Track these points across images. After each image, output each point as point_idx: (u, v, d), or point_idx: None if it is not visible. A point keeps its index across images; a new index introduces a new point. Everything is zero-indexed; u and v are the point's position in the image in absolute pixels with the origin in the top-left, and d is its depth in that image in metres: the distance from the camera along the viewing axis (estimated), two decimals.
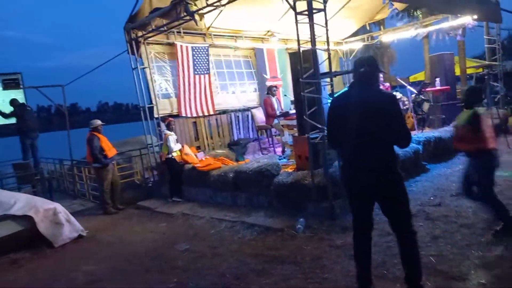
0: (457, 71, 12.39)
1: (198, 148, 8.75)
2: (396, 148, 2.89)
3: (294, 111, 7.69)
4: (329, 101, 5.86)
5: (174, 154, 7.17)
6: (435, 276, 3.18)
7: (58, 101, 10.16)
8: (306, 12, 4.90)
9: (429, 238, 3.95)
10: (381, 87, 7.85)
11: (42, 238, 5.37)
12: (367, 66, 2.89)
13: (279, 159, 7.92)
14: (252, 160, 8.22)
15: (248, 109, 10.04)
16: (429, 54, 12.38)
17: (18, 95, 9.29)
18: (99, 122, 7.23)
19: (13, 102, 9.03)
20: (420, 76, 16.83)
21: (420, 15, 13.71)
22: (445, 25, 9.99)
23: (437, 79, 9.37)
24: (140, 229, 5.95)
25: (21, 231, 5.24)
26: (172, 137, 7.18)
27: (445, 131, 7.54)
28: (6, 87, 9.07)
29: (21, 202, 5.43)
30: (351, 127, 2.80)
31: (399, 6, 9.03)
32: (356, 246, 3.01)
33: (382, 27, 13.58)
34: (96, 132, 7.07)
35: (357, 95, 2.86)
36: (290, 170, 6.21)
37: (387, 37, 11.66)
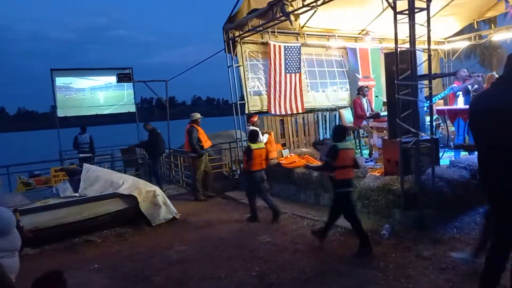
0: None
1: (284, 145, 8.92)
2: None
3: (385, 113, 7.41)
4: (426, 105, 5.57)
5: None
6: None
7: (160, 94, 11.21)
8: (407, 12, 4.70)
9: None
10: (480, 88, 7.22)
11: (142, 217, 6.03)
12: None
13: (366, 162, 7.72)
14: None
15: (337, 108, 9.91)
16: None
17: (129, 88, 10.45)
18: (199, 115, 7.87)
19: (146, 126, 9.15)
20: None
21: None
22: None
23: None
24: (226, 217, 6.31)
25: (127, 208, 5.95)
26: (262, 134, 7.44)
27: None
28: (120, 80, 10.27)
29: (127, 183, 6.16)
30: (497, 129, 2.47)
31: None
32: (489, 262, 2.65)
33: (493, 25, 12.24)
34: (195, 124, 7.69)
35: (505, 94, 2.49)
36: (377, 174, 6.03)
37: (498, 36, 10.51)
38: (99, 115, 12.67)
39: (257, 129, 7.05)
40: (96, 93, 12.31)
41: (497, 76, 7.43)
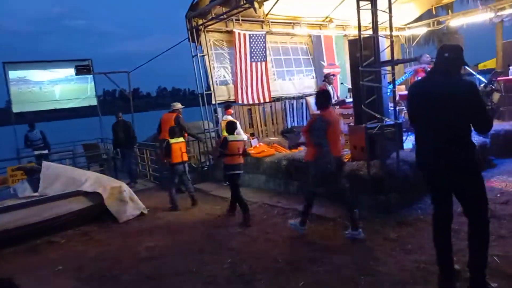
0: None
1: (252, 135, 8.89)
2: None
3: (350, 99, 7.52)
4: (390, 88, 5.68)
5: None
6: (499, 278, 3.01)
7: (122, 86, 10.82)
8: None
9: (494, 237, 3.71)
10: None
11: (108, 214, 5.83)
12: (452, 54, 2.87)
13: None
14: (305, 148, 8.23)
15: (303, 96, 9.97)
16: (503, 40, 11.36)
17: (90, 81, 10.00)
18: (180, 105, 7.76)
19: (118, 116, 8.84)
20: (490, 64, 15.49)
21: None
22: None
23: (511, 67, 8.62)
24: (196, 210, 6.23)
25: (91, 206, 5.73)
26: (238, 124, 7.36)
27: None
28: (78, 72, 9.80)
29: (91, 179, 5.92)
30: (431, 116, 2.85)
31: None
32: (435, 230, 3.03)
33: (450, 11, 12.65)
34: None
35: (437, 84, 2.85)
36: (344, 160, 6.11)
37: (455, 22, 10.90)
38: (58, 110, 12.06)
39: (235, 120, 6.99)
40: (56, 86, 11.71)
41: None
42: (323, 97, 4.48)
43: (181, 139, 6.53)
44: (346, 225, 4.53)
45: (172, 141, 6.29)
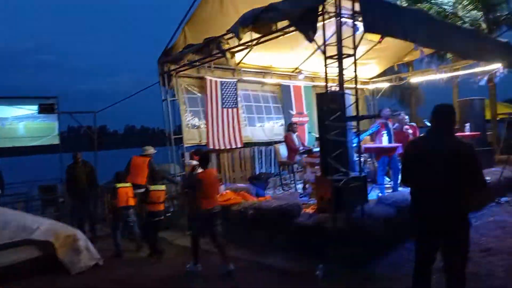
0: (488, 115, 12.07)
1: (219, 180, 8.75)
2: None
3: (317, 149, 7.65)
4: (355, 142, 5.82)
5: None
6: None
7: (89, 123, 10.52)
8: (336, 57, 4.95)
9: None
10: (407, 127, 7.86)
11: (61, 265, 5.40)
12: (448, 116, 3.09)
13: (300, 197, 7.82)
14: (273, 196, 8.16)
15: (271, 143, 10.06)
16: (458, 98, 12.15)
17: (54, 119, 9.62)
18: (153, 149, 7.61)
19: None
20: None
21: (451, 58, 13.61)
22: (475, 70, 9.86)
23: (467, 125, 9.14)
24: (158, 262, 5.90)
25: (42, 256, 5.30)
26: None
27: None
28: (42, 111, 9.45)
29: (43, 227, 5.51)
30: (431, 172, 2.98)
31: (426, 50, 9.01)
32: (415, 283, 3.16)
33: (411, 68, 13.53)
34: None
35: (437, 143, 3.03)
36: (311, 211, 6.09)
37: (415, 78, 11.60)
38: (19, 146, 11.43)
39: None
40: (21, 123, 11.15)
41: (406, 116, 8.19)
42: (204, 158, 5.37)
43: (163, 187, 6.49)
44: (312, 281, 4.41)
45: (119, 185, 6.40)
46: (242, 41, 6.25)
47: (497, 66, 9.15)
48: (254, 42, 6.28)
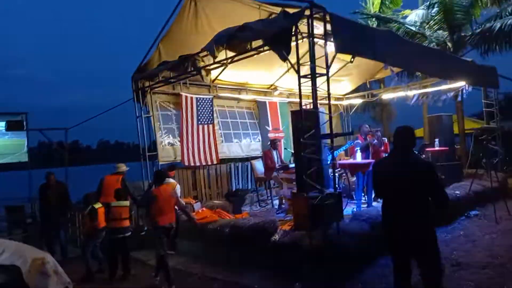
0: (456, 130, 12.53)
1: (195, 198, 8.66)
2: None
3: (293, 164, 7.71)
4: (329, 159, 5.91)
5: None
6: None
7: (61, 138, 10.24)
8: (309, 76, 5.05)
9: None
10: (387, 142, 8.10)
11: None
12: (406, 134, 3.32)
13: (276, 213, 7.83)
14: (250, 212, 8.13)
15: (248, 158, 10.07)
16: (428, 114, 12.58)
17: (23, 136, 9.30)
18: (125, 167, 7.47)
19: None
20: (419, 133, 17.02)
21: (420, 75, 14.12)
22: (443, 87, 10.30)
23: (436, 140, 9.47)
24: (131, 283, 5.72)
25: (8, 281, 5.02)
26: (178, 186, 7.14)
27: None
28: (9, 128, 9.13)
29: (9, 250, 5.23)
30: (395, 190, 3.22)
31: (395, 68, 9.35)
32: None
33: (382, 85, 13.94)
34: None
35: (399, 162, 3.25)
36: (287, 228, 6.07)
37: (386, 95, 11.96)
38: None
39: (174, 182, 6.91)
40: None
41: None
42: (158, 176, 5.72)
43: (126, 202, 6.32)
44: None
45: (97, 206, 6.27)
46: (217, 59, 6.29)
47: (462, 84, 9.61)
48: (229, 60, 6.33)
